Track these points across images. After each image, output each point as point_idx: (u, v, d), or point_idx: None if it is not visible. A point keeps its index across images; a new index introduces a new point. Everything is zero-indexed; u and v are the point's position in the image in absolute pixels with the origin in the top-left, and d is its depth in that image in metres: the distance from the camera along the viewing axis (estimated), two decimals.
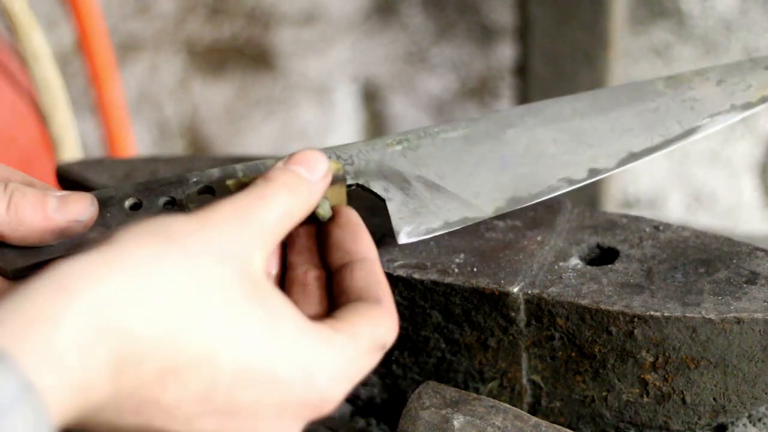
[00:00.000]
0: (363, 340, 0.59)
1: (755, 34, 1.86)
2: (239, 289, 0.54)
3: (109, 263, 0.51)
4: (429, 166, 0.74)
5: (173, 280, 0.52)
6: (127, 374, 0.50)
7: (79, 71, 1.92)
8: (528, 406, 0.77)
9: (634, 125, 0.77)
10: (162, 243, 0.53)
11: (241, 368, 0.54)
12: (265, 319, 0.55)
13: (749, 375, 0.71)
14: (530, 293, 0.73)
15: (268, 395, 0.55)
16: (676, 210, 2.00)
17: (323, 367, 0.56)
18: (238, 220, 0.56)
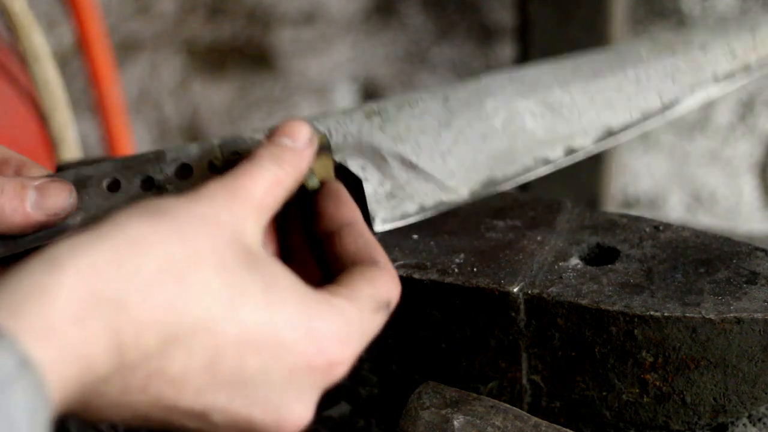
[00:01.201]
0: (364, 301, 0.59)
1: None
2: (234, 257, 0.54)
3: (100, 238, 0.51)
4: (406, 141, 0.73)
5: (165, 250, 0.52)
6: (128, 346, 0.50)
7: (79, 71, 1.92)
8: (528, 406, 0.77)
9: (614, 98, 0.76)
10: (152, 217, 0.53)
11: (244, 334, 0.53)
12: (264, 285, 0.55)
13: (749, 375, 0.71)
14: (530, 293, 0.73)
15: (275, 361, 0.55)
16: (676, 210, 2.00)
17: (327, 330, 0.56)
18: (227, 193, 0.56)
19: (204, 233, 0.54)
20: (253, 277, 0.54)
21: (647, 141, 1.98)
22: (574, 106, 0.76)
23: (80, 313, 0.48)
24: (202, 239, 0.53)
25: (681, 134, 1.96)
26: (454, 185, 0.74)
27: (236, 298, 0.53)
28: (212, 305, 0.53)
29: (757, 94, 1.90)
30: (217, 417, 0.54)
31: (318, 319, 0.56)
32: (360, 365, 0.81)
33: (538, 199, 0.82)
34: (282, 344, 0.55)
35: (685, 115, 1.92)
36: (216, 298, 0.53)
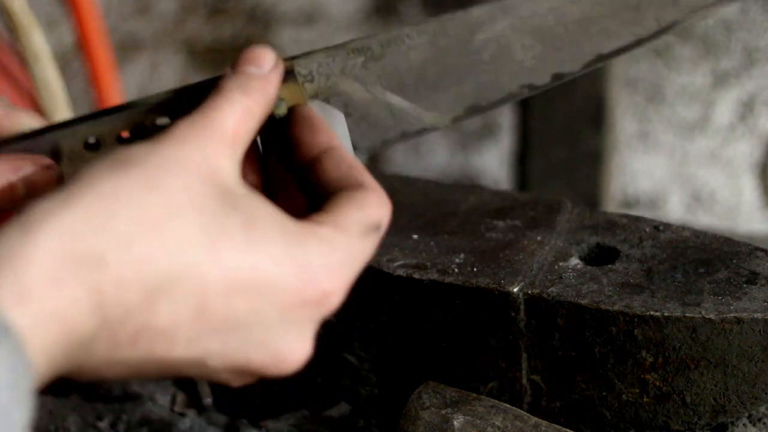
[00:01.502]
0: (352, 226, 0.57)
1: (755, 34, 1.86)
2: (210, 198, 0.53)
3: (72, 197, 0.50)
4: (391, 79, 0.70)
5: (139, 202, 0.51)
6: (110, 303, 0.49)
7: (79, 71, 1.92)
8: (528, 406, 0.77)
9: (610, 25, 0.74)
10: (123, 169, 0.52)
11: (230, 277, 0.52)
12: (245, 223, 0.53)
13: (749, 375, 0.71)
14: (530, 293, 0.73)
15: (265, 301, 0.53)
16: (676, 210, 2.00)
17: (315, 261, 0.54)
18: (197, 131, 0.55)
19: (177, 178, 0.52)
20: (232, 217, 0.53)
21: (647, 141, 1.98)
22: (566, 36, 0.73)
23: (57, 275, 0.48)
24: (176, 185, 0.52)
25: (681, 134, 1.97)
26: (438, 114, 0.71)
27: (217, 241, 0.52)
28: (193, 252, 0.51)
29: (757, 94, 1.90)
30: (214, 362, 0.53)
31: (304, 251, 0.54)
32: (360, 365, 0.81)
33: (538, 199, 0.82)
34: (270, 282, 0.53)
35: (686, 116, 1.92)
36: (196, 244, 0.51)
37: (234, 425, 0.82)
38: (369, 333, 0.79)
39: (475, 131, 2.09)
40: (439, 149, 2.12)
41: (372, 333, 0.79)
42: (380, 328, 0.78)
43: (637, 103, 1.95)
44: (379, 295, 0.77)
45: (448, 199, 0.83)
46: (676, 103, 1.94)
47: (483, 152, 2.10)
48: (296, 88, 0.66)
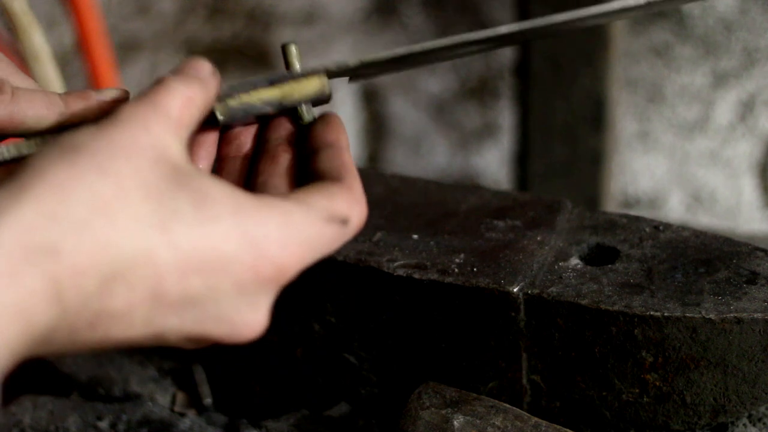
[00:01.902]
0: (315, 208, 0.58)
1: (755, 34, 1.86)
2: (159, 179, 0.54)
3: (23, 189, 0.50)
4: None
5: (90, 188, 0.51)
6: (67, 292, 0.50)
7: (79, 71, 1.92)
8: (528, 406, 0.77)
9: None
10: (71, 156, 0.52)
11: (182, 256, 0.53)
12: (195, 200, 0.54)
13: (749, 375, 0.71)
14: (530, 293, 0.73)
15: (218, 277, 0.54)
16: (676, 210, 2.00)
17: (266, 233, 0.55)
18: (142, 113, 0.56)
19: (125, 162, 0.53)
20: (182, 196, 0.54)
21: (647, 141, 1.98)
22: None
23: (14, 270, 0.48)
24: (125, 169, 0.53)
25: (681, 134, 1.97)
26: None
27: (169, 222, 0.53)
28: (146, 235, 0.52)
29: (757, 94, 1.90)
30: (172, 336, 0.55)
31: (255, 223, 0.55)
32: (360, 365, 0.81)
33: (538, 199, 0.82)
34: (222, 258, 0.54)
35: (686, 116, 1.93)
36: (148, 226, 0.52)
37: (234, 425, 0.82)
38: (369, 333, 0.79)
39: (475, 131, 2.09)
40: (439, 149, 2.12)
41: (372, 333, 0.79)
42: (380, 328, 0.78)
43: (637, 103, 1.95)
44: (379, 295, 0.77)
45: (448, 199, 0.83)
46: (676, 103, 1.94)
47: (483, 152, 2.10)
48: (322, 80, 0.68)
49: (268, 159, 0.66)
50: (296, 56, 0.68)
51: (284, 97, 0.67)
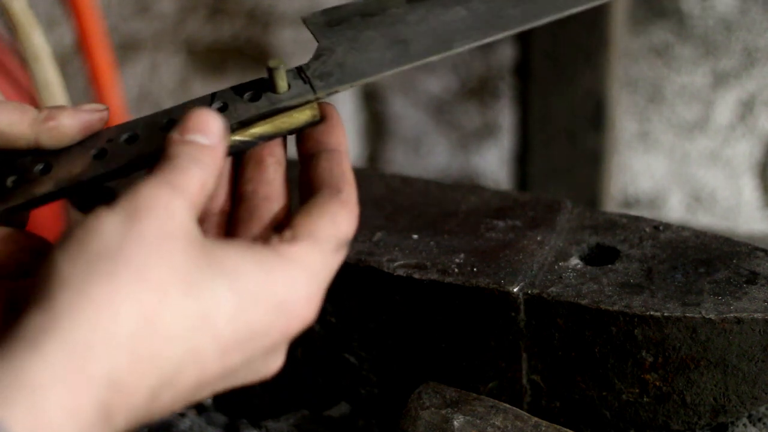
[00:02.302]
0: (326, 242, 0.59)
1: (755, 34, 1.86)
2: (193, 268, 0.54)
3: (70, 314, 0.50)
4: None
5: (133, 301, 0.51)
6: (118, 412, 0.50)
7: (79, 71, 1.92)
8: (528, 406, 0.77)
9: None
10: (106, 265, 0.52)
11: (224, 342, 0.54)
12: (231, 285, 0.54)
13: (749, 375, 0.71)
14: (530, 293, 0.73)
15: (255, 347, 0.56)
16: (676, 210, 2.00)
17: (297, 295, 0.57)
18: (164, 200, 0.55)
19: (160, 259, 0.53)
20: (218, 282, 0.54)
21: (647, 141, 1.98)
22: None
23: (73, 405, 0.48)
24: (162, 268, 0.53)
25: (681, 134, 1.97)
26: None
27: (209, 311, 0.53)
28: (190, 334, 0.53)
29: (757, 94, 1.90)
30: (202, 398, 0.56)
31: (286, 288, 0.56)
32: (360, 365, 0.81)
33: (538, 199, 0.82)
34: (258, 331, 0.55)
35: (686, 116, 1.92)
36: (192, 324, 0.53)
37: (234, 425, 0.82)
38: (369, 333, 0.79)
39: (475, 131, 2.09)
40: (439, 149, 2.12)
41: (372, 333, 0.79)
42: (380, 328, 0.78)
43: (637, 103, 1.95)
44: (379, 295, 0.77)
45: (448, 199, 0.83)
46: (676, 103, 1.94)
47: (483, 152, 2.10)
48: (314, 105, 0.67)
49: (254, 164, 0.65)
50: (285, 77, 0.66)
51: (276, 130, 0.66)
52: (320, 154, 0.64)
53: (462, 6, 0.73)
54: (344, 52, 0.70)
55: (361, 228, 0.80)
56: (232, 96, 0.66)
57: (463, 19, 0.72)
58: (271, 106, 0.65)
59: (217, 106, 0.64)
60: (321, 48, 0.71)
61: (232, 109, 0.65)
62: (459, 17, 0.72)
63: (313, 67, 0.69)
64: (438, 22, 0.72)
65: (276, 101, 0.66)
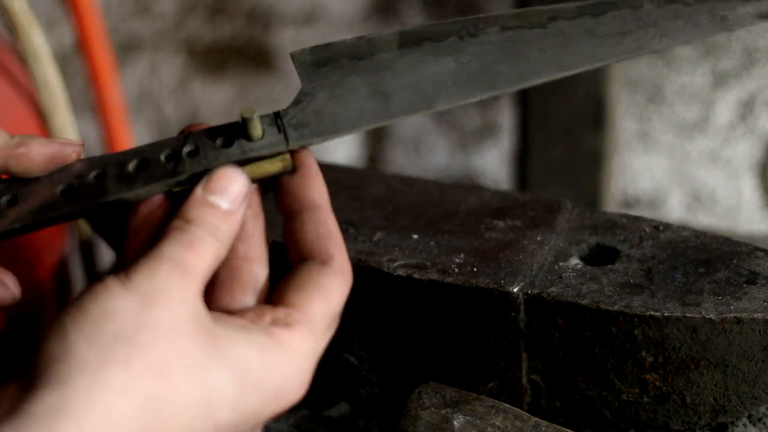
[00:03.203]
0: (320, 323, 0.60)
1: (755, 34, 1.86)
2: (204, 356, 0.55)
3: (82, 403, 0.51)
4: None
5: (146, 393, 0.53)
6: None
7: (79, 71, 1.92)
8: (528, 406, 0.77)
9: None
10: (120, 351, 0.53)
11: (227, 426, 0.56)
12: (235, 376, 0.56)
13: (749, 375, 0.71)
14: (530, 293, 0.73)
15: (245, 427, 0.58)
16: (676, 210, 2.00)
17: (292, 381, 0.59)
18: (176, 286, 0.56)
19: (172, 348, 0.54)
20: (223, 372, 0.56)
21: (647, 141, 1.98)
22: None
23: None
24: (174, 357, 0.54)
25: (681, 134, 1.97)
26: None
27: (214, 405, 0.55)
28: (192, 420, 0.55)
29: (757, 94, 1.90)
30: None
31: (284, 376, 0.59)
32: (360, 365, 0.81)
33: (538, 199, 0.82)
34: (253, 415, 0.58)
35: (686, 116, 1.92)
36: (197, 415, 0.55)
37: None
38: (369, 333, 0.79)
39: (475, 131, 2.09)
40: (439, 149, 2.12)
41: (372, 333, 0.79)
42: (380, 328, 0.78)
43: (637, 103, 1.95)
44: (379, 295, 0.77)
45: (448, 199, 0.83)
46: (676, 103, 1.94)
47: (483, 152, 2.10)
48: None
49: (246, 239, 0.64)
50: (258, 126, 0.65)
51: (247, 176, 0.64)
52: (302, 212, 0.63)
53: (453, 58, 0.72)
54: (324, 100, 0.69)
55: (361, 228, 0.80)
56: (205, 140, 0.65)
57: (451, 72, 0.71)
58: (242, 155, 0.64)
59: (189, 149, 0.64)
60: (302, 92, 0.69)
61: (203, 154, 0.64)
62: (447, 70, 0.71)
63: (290, 114, 0.67)
64: (425, 74, 0.71)
65: (248, 150, 0.64)
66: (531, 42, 0.72)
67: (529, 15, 0.74)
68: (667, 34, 0.73)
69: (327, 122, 0.67)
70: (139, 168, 0.64)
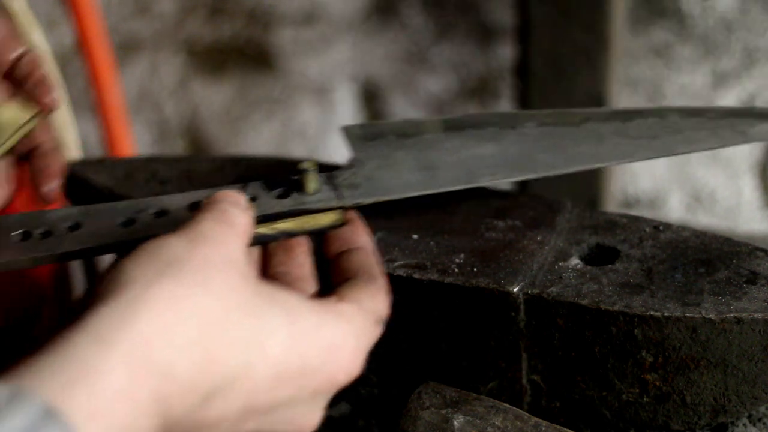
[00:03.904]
0: (368, 311, 0.62)
1: (755, 34, 1.86)
2: (251, 295, 0.56)
3: (136, 307, 0.52)
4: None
5: (199, 306, 0.53)
6: (173, 409, 0.52)
7: (79, 71, 1.92)
8: (528, 406, 0.77)
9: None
10: (172, 270, 0.54)
11: (275, 371, 0.56)
12: (286, 317, 0.57)
13: (749, 375, 0.71)
14: (530, 293, 0.73)
15: (302, 388, 0.57)
16: (676, 210, 2.00)
17: (344, 344, 0.59)
18: (223, 234, 0.58)
19: (222, 279, 0.55)
20: (274, 311, 0.57)
21: None
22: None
23: (129, 388, 0.50)
24: (223, 285, 0.55)
25: None
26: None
27: (265, 337, 0.56)
28: (246, 351, 0.55)
29: (757, 94, 1.90)
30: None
31: (335, 335, 0.59)
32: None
33: (538, 199, 0.82)
34: (308, 370, 0.57)
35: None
36: (248, 342, 0.55)
37: None
38: None
39: None
40: None
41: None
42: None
43: (637, 103, 1.95)
44: None
45: (448, 200, 0.83)
46: (676, 103, 1.94)
47: None
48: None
49: (284, 250, 0.68)
50: (315, 180, 0.70)
51: (299, 228, 0.69)
52: (350, 250, 0.68)
53: (495, 143, 0.78)
54: (374, 168, 0.75)
55: None
56: (262, 190, 0.70)
57: (493, 155, 0.77)
58: (297, 206, 0.69)
59: (248, 196, 0.68)
60: (353, 159, 0.75)
61: (260, 201, 0.69)
62: (489, 153, 0.77)
63: (342, 176, 0.73)
64: (469, 155, 0.77)
65: (303, 202, 0.69)
66: (566, 137, 0.79)
67: (564, 115, 0.81)
68: (692, 142, 0.79)
69: (377, 186, 0.73)
70: (194, 207, 0.69)
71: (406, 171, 0.75)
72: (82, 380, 0.48)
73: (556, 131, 0.79)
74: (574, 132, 0.79)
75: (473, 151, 0.77)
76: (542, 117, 0.80)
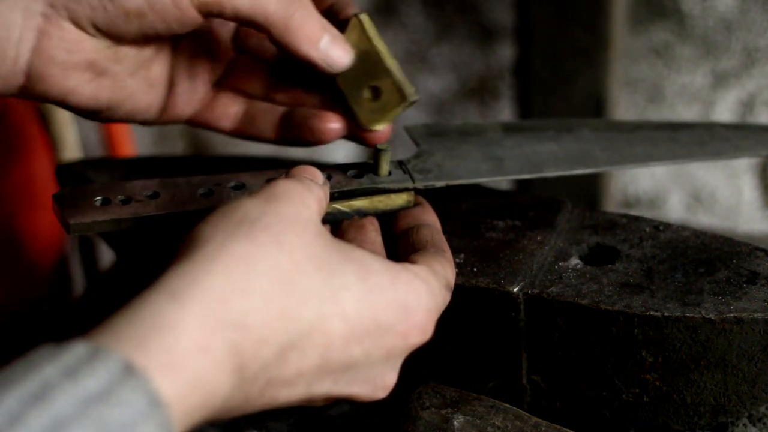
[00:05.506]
0: (441, 276, 0.63)
1: (755, 34, 1.86)
2: (324, 251, 0.57)
3: (209, 259, 0.53)
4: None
5: (270, 260, 0.54)
6: (248, 363, 0.52)
7: None
8: (528, 406, 0.77)
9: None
10: (245, 228, 0.55)
11: (350, 327, 0.56)
12: (358, 271, 0.58)
13: (749, 375, 0.71)
14: (530, 293, 0.73)
15: (376, 345, 0.58)
16: (676, 210, 2.00)
17: (418, 302, 0.60)
18: (299, 192, 0.59)
19: (296, 235, 0.56)
20: (348, 267, 0.57)
21: None
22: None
23: (205, 343, 0.50)
24: (297, 242, 0.56)
25: None
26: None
27: (339, 292, 0.56)
28: (320, 304, 0.55)
29: (757, 94, 1.90)
30: (320, 399, 0.58)
31: (409, 293, 0.60)
32: None
33: (538, 199, 0.82)
34: (382, 327, 0.58)
35: (686, 116, 1.92)
36: (322, 296, 0.55)
37: (234, 425, 0.82)
38: None
39: None
40: None
41: None
42: None
43: (637, 103, 1.95)
44: None
45: (449, 199, 0.83)
46: (676, 103, 1.94)
47: None
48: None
49: (356, 228, 0.70)
50: (389, 161, 0.73)
51: (373, 207, 0.72)
52: (420, 225, 0.70)
53: (555, 142, 0.82)
54: (443, 157, 0.78)
55: None
56: (338, 170, 0.73)
57: (553, 152, 0.81)
58: (372, 185, 0.72)
59: (324, 176, 0.69)
60: (421, 150, 0.78)
61: (335, 180, 0.72)
62: (550, 150, 0.81)
63: (413, 163, 0.76)
64: (531, 150, 0.81)
65: (378, 181, 0.73)
66: (621, 140, 0.83)
67: (616, 124, 0.87)
68: (740, 148, 0.84)
69: (447, 172, 0.76)
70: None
71: (472, 161, 0.78)
72: (158, 336, 0.49)
73: (610, 135, 0.83)
74: (627, 136, 0.83)
75: (534, 148, 0.80)
76: (594, 125, 0.84)
